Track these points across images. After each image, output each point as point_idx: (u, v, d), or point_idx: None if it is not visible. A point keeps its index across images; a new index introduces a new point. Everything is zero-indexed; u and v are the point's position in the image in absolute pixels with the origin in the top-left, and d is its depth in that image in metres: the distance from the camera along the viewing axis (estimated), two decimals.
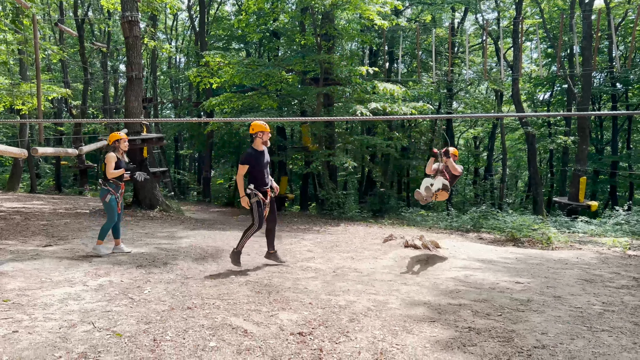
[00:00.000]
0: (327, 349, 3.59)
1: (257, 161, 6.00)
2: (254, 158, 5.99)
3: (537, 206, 19.76)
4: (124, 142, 6.90)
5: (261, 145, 6.10)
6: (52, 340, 3.56)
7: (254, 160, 5.98)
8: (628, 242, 9.34)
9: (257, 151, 6.06)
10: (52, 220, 10.35)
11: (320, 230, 11.31)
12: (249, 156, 5.99)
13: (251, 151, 6.05)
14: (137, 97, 12.99)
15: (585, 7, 16.92)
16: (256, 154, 6.04)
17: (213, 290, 5.08)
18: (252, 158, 5.99)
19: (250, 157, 5.98)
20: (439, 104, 25.61)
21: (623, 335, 3.97)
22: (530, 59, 29.45)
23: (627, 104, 25.14)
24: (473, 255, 7.88)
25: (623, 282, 5.94)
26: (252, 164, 5.97)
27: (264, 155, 6.14)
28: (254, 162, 5.98)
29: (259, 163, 6.00)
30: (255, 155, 6.01)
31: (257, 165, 5.99)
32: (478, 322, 4.25)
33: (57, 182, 25.29)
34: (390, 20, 14.78)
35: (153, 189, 13.26)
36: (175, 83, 34.77)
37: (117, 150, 6.84)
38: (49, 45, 20.21)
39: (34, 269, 5.71)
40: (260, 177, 6.05)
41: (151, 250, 7.30)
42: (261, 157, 6.08)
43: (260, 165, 6.02)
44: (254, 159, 5.99)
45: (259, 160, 6.02)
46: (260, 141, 6.07)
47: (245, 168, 5.96)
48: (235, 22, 16.76)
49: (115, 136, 6.88)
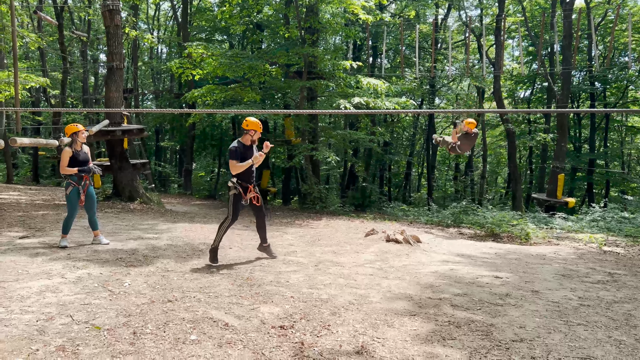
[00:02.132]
0: (308, 342, 3.60)
1: (244, 155, 5.94)
2: (241, 152, 5.93)
3: (516, 202, 20.04)
4: (82, 134, 6.68)
5: (249, 141, 6.04)
6: (29, 333, 3.50)
7: (242, 154, 5.92)
8: (604, 238, 9.54)
9: (244, 145, 6.00)
10: (29, 211, 10.16)
11: (303, 224, 11.31)
12: (237, 150, 5.91)
13: (238, 145, 5.96)
14: (118, 87, 12.79)
15: (566, 7, 17.14)
16: (244, 148, 5.98)
17: (194, 284, 5.05)
18: (240, 152, 5.92)
19: (237, 152, 5.91)
20: (422, 99, 25.76)
21: (598, 329, 4.06)
22: (512, 57, 29.77)
23: (605, 102, 25.61)
24: (453, 250, 7.97)
25: (599, 277, 6.07)
26: (240, 157, 5.91)
27: (252, 150, 6.08)
28: (242, 156, 5.92)
29: (246, 158, 5.94)
30: (243, 150, 5.96)
31: (245, 159, 5.93)
32: (458, 315, 4.30)
33: (34, 172, 24.82)
34: (374, 15, 14.79)
35: (133, 181, 13.10)
36: (156, 74, 34.29)
37: (75, 143, 6.65)
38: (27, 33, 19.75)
39: (10, 260, 5.60)
40: (246, 172, 6.00)
41: (131, 242, 7.22)
42: (249, 152, 6.02)
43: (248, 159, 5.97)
44: (242, 153, 5.93)
45: (247, 155, 5.96)
46: (250, 138, 6.01)
47: (236, 162, 5.88)
48: (219, 14, 16.55)
49: (71, 128, 6.65)
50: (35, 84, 18.39)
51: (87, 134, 6.89)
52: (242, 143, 6.00)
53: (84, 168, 6.60)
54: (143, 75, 35.04)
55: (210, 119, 23.20)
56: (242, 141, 6.02)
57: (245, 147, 6.02)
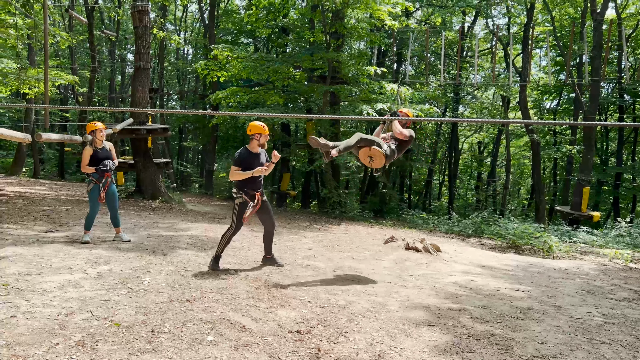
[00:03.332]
0: (325, 348, 3.58)
1: (249, 163, 5.74)
2: (246, 160, 5.75)
3: (539, 214, 19.69)
4: (100, 133, 6.77)
5: (257, 147, 5.84)
6: (50, 326, 3.55)
7: (245, 162, 5.73)
8: (630, 255, 9.29)
9: (250, 153, 5.80)
10: (54, 206, 10.35)
11: (321, 228, 11.28)
12: (241, 157, 5.75)
13: (244, 152, 5.79)
14: (144, 87, 12.97)
15: (596, 17, 16.82)
16: (249, 155, 5.78)
17: (212, 284, 5.07)
18: (244, 160, 5.74)
19: (242, 159, 5.74)
20: (445, 107, 25.55)
21: (623, 348, 3.94)
22: (539, 67, 29.35)
23: (635, 115, 25.05)
24: (474, 261, 7.85)
25: (624, 295, 5.91)
26: (244, 165, 5.72)
27: (259, 157, 5.86)
28: (246, 164, 5.73)
29: (251, 166, 5.72)
30: (247, 157, 5.76)
31: (249, 168, 5.71)
32: (477, 328, 4.23)
33: (60, 168, 25.33)
34: (400, 21, 14.71)
35: (156, 180, 13.25)
36: (182, 75, 34.73)
37: (94, 142, 6.75)
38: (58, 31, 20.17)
39: (34, 254, 5.70)
40: (251, 180, 5.79)
41: (152, 240, 7.29)
42: (255, 159, 5.80)
43: (252, 168, 5.72)
44: (246, 161, 5.74)
45: (252, 163, 5.75)
46: (257, 143, 5.81)
47: (237, 170, 5.73)
48: (245, 17, 16.69)
49: (91, 126, 6.75)
50: (64, 81, 18.80)
51: (106, 132, 6.98)
52: (248, 150, 5.80)
53: (99, 167, 6.68)
54: (169, 75, 35.52)
55: (233, 121, 23.40)
56: (249, 148, 5.81)
57: (251, 154, 5.80)
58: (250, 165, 5.73)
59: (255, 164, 5.76)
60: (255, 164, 5.76)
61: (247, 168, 5.71)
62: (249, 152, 5.80)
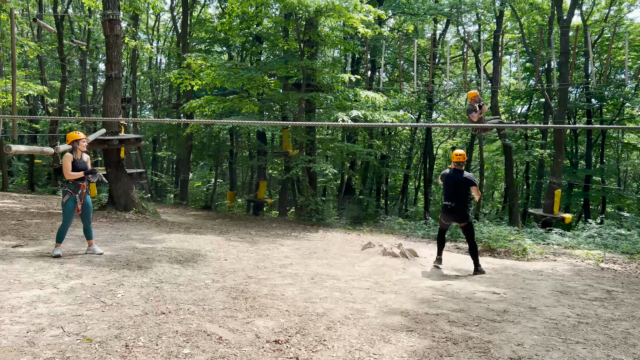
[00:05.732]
0: (303, 357, 3.54)
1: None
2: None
3: (512, 217, 20.01)
4: (83, 142, 6.69)
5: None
6: (18, 344, 3.44)
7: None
8: (601, 255, 9.51)
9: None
10: (23, 219, 10.07)
11: (299, 236, 11.24)
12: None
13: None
14: (116, 96, 12.77)
15: (563, 24, 17.27)
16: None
17: (188, 296, 4.99)
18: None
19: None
20: (419, 113, 25.84)
21: (597, 347, 4.01)
22: (509, 72, 29.98)
23: (602, 119, 25.74)
24: (450, 265, 7.92)
25: (596, 295, 6.03)
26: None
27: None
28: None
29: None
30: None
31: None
32: (455, 332, 4.25)
33: (30, 180, 24.68)
34: (373, 29, 14.84)
35: (129, 191, 13.02)
36: (155, 84, 34.35)
37: (75, 151, 6.66)
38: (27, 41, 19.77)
39: (2, 269, 5.53)
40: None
41: (125, 252, 7.15)
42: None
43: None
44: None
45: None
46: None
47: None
48: (219, 25, 16.59)
49: (73, 136, 6.68)
50: (33, 92, 18.41)
51: (87, 143, 6.85)
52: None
53: (90, 170, 6.57)
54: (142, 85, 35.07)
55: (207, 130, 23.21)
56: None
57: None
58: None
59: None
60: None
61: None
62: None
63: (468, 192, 7.14)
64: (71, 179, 6.51)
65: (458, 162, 7.24)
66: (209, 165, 31.34)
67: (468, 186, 7.07)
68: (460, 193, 7.08)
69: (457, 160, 7.25)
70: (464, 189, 7.07)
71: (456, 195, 7.05)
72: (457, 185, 7.07)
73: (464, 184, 7.06)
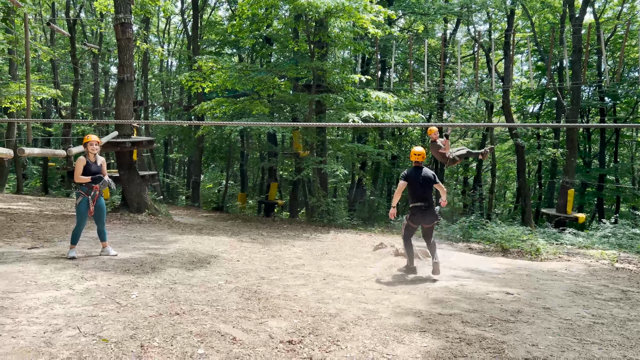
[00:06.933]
0: (317, 357, 3.55)
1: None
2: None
3: (525, 217, 19.87)
4: (91, 146, 6.73)
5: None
6: (36, 344, 3.48)
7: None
8: (616, 255, 9.40)
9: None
10: (38, 222, 10.20)
11: (310, 237, 11.26)
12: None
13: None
14: (128, 99, 12.88)
15: (575, 22, 17.13)
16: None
17: (201, 296, 5.02)
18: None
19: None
20: (430, 113, 25.75)
21: (613, 348, 3.97)
22: (521, 72, 29.75)
23: (615, 117, 25.47)
24: (463, 265, 7.88)
25: (612, 295, 5.96)
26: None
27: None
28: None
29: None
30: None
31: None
32: (469, 332, 4.23)
33: (44, 183, 24.98)
34: (383, 29, 14.85)
35: (142, 193, 13.12)
36: (166, 86, 34.61)
37: (87, 154, 6.72)
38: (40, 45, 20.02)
39: (18, 271, 5.60)
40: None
41: (139, 254, 7.21)
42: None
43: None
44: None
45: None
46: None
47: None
48: (229, 27, 16.67)
49: (85, 139, 6.79)
50: (47, 95, 18.62)
51: (98, 146, 6.91)
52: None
53: (97, 177, 6.64)
54: (153, 87, 35.36)
55: (218, 132, 23.32)
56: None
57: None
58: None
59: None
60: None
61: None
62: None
63: (432, 189, 6.80)
64: (79, 182, 6.58)
65: (417, 162, 6.83)
66: (220, 167, 31.49)
67: (432, 184, 6.73)
68: (429, 192, 6.71)
69: (416, 159, 6.81)
70: (430, 187, 6.73)
71: (426, 194, 6.67)
72: (424, 185, 6.68)
73: (429, 182, 6.71)
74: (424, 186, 6.65)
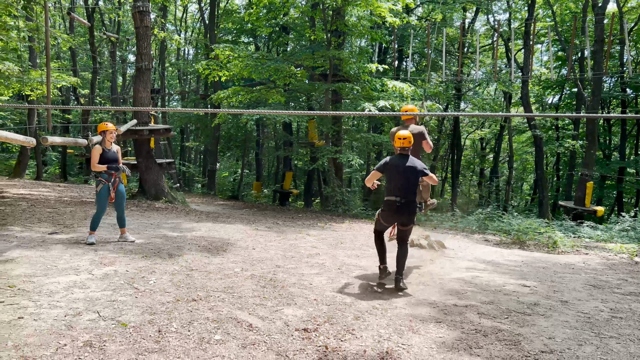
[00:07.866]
0: (332, 346, 3.57)
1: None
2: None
3: (542, 209, 19.66)
4: (110, 134, 6.80)
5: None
6: (57, 327, 3.56)
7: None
8: (635, 249, 9.27)
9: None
10: (57, 207, 10.36)
11: (325, 226, 11.28)
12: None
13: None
14: (146, 87, 12.97)
15: (597, 11, 16.75)
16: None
17: (218, 283, 5.07)
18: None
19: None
20: (447, 103, 25.51)
21: (631, 342, 3.93)
22: (541, 62, 29.27)
23: (637, 109, 24.96)
24: (479, 257, 7.84)
25: (631, 289, 5.89)
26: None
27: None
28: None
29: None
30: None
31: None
32: (484, 324, 4.22)
33: (63, 170, 25.37)
34: (401, 18, 14.66)
35: (159, 180, 13.26)
36: (183, 75, 34.77)
37: (104, 142, 6.78)
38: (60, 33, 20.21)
39: (40, 256, 5.71)
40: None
41: (156, 240, 7.30)
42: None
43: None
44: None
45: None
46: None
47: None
48: (246, 16, 16.67)
49: (101, 127, 6.81)
50: (66, 83, 18.83)
51: (116, 134, 6.98)
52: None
53: (113, 166, 6.72)
54: (170, 76, 35.55)
55: (235, 120, 23.38)
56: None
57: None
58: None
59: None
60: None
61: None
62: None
63: (417, 184, 5.51)
64: (96, 171, 6.66)
65: (403, 147, 5.44)
66: (236, 155, 31.63)
67: (418, 177, 5.40)
68: (411, 186, 5.38)
69: (401, 145, 5.42)
70: (415, 180, 5.37)
71: (406, 189, 5.34)
72: (406, 177, 5.33)
73: (413, 174, 5.34)
74: (404, 177, 5.34)
